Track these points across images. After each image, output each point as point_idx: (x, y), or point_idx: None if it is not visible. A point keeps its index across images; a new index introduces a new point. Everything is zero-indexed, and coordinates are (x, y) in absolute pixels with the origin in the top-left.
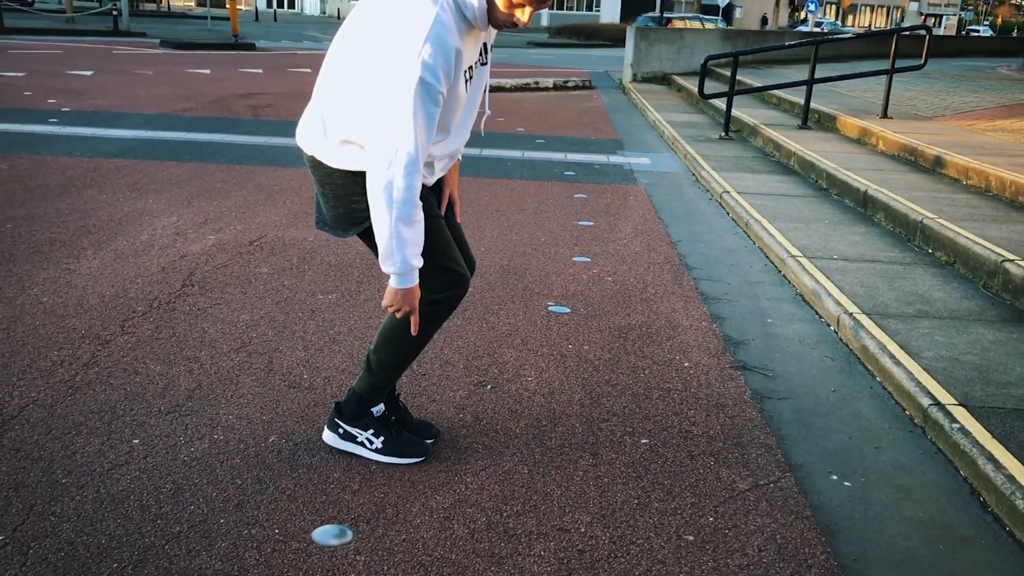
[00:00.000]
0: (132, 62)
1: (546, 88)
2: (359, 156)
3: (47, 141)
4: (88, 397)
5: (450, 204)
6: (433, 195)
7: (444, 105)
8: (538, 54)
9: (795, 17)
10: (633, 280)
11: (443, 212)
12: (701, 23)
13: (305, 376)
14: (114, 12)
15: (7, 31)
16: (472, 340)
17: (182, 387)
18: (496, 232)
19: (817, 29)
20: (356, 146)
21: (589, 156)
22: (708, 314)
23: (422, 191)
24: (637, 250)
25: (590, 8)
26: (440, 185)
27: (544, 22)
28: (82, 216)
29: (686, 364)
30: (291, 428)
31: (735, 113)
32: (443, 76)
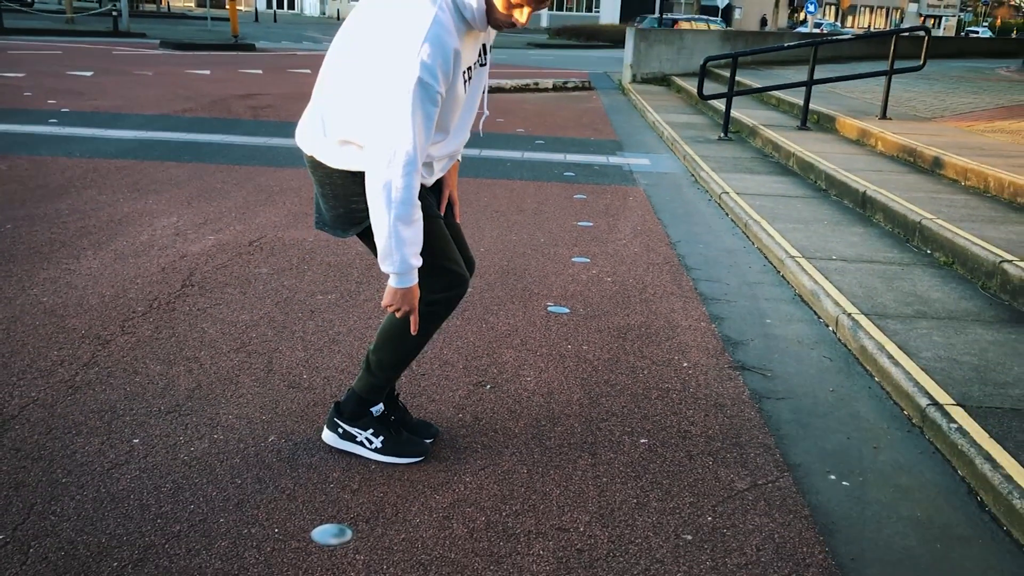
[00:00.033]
0: (132, 63)
1: (546, 89)
2: (358, 156)
3: (47, 142)
4: (88, 397)
5: (449, 205)
6: (432, 196)
7: (443, 105)
8: (538, 55)
9: (794, 18)
10: (632, 280)
11: (443, 213)
12: (707, 24)
13: (304, 376)
14: (114, 13)
15: (7, 32)
16: (471, 340)
17: (182, 387)
18: (496, 233)
19: (816, 30)
20: (355, 146)
21: (588, 157)
22: (707, 314)
23: (421, 191)
24: (636, 251)
25: (590, 9)
26: (440, 186)
27: (544, 23)
28: (82, 216)
29: (685, 364)
30: (291, 428)
31: (734, 114)
32: (441, 76)
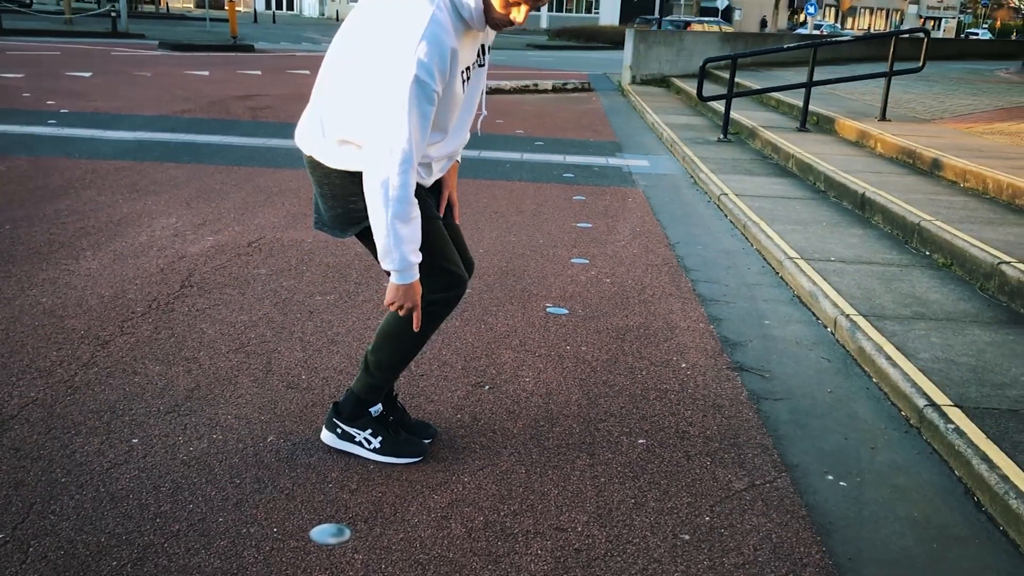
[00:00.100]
0: (131, 64)
1: (545, 90)
2: (357, 156)
3: (46, 142)
4: (87, 397)
5: (449, 206)
6: (432, 197)
7: (440, 105)
8: (537, 56)
9: (794, 19)
10: (631, 282)
11: (442, 214)
12: (719, 27)
13: (303, 376)
14: (113, 14)
15: (5, 32)
16: (470, 341)
17: (181, 387)
18: (495, 234)
19: (816, 31)
20: (354, 146)
21: (588, 158)
22: (705, 315)
23: (421, 192)
24: (635, 252)
25: (589, 10)
26: (439, 187)
27: (543, 24)
28: (81, 217)
29: (683, 365)
30: (289, 428)
31: (734, 115)
32: (438, 75)
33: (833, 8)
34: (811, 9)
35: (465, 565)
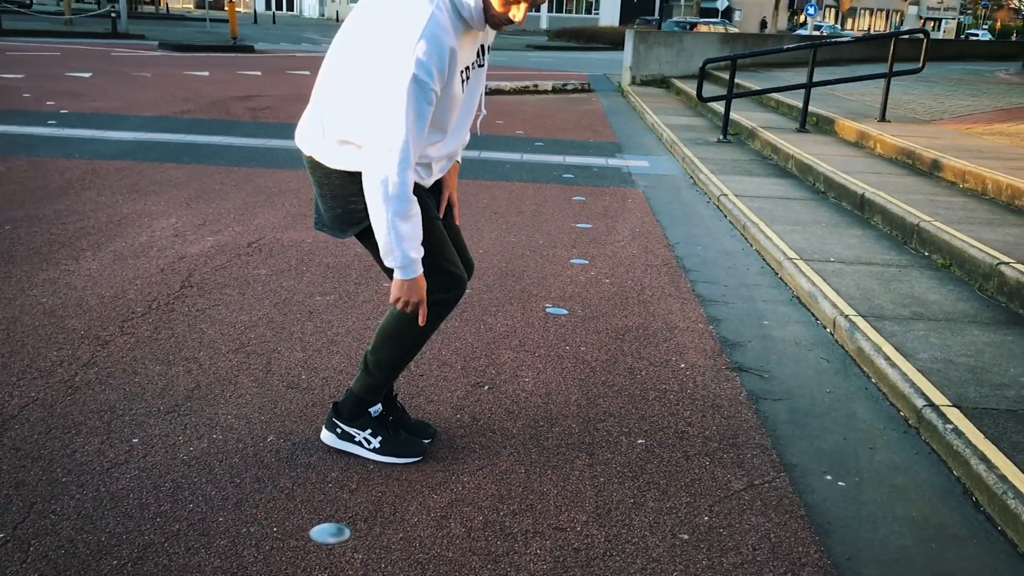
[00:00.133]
0: (131, 64)
1: (545, 91)
2: (357, 156)
3: (46, 143)
4: (87, 397)
5: (449, 206)
6: (432, 197)
7: (439, 105)
8: (537, 57)
9: (794, 20)
10: (630, 282)
11: (442, 214)
12: (724, 27)
13: (303, 377)
14: (113, 14)
15: (5, 33)
16: (470, 341)
17: (181, 387)
18: (494, 234)
19: (816, 32)
20: (354, 146)
21: (588, 159)
22: (705, 316)
23: (421, 193)
24: (635, 252)
25: (589, 11)
26: (439, 187)
27: (543, 25)
28: (81, 217)
29: (682, 365)
30: (289, 428)
31: (733, 116)
32: (437, 74)
33: (833, 9)
34: (811, 10)
35: (464, 565)
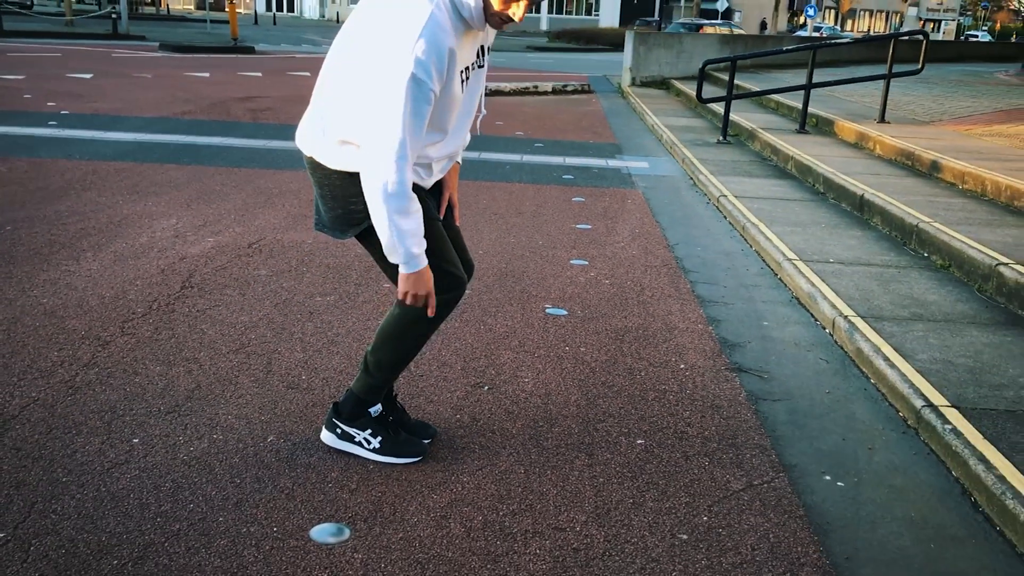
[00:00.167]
0: (131, 65)
1: (545, 92)
2: (357, 157)
3: (46, 144)
4: (88, 397)
5: (449, 207)
6: (432, 198)
7: (438, 104)
8: (537, 58)
9: (794, 22)
10: (630, 283)
11: (442, 215)
12: (731, 29)
13: (303, 377)
14: (113, 15)
15: (6, 34)
16: (470, 342)
17: (181, 387)
18: (494, 235)
19: (816, 34)
20: (354, 147)
21: (587, 160)
22: (704, 317)
23: (421, 193)
24: (634, 253)
25: (589, 12)
26: (440, 188)
27: (543, 26)
28: (82, 218)
29: (682, 366)
30: (289, 428)
31: (733, 117)
32: (435, 73)
33: (833, 10)
34: (811, 11)
35: (464, 564)
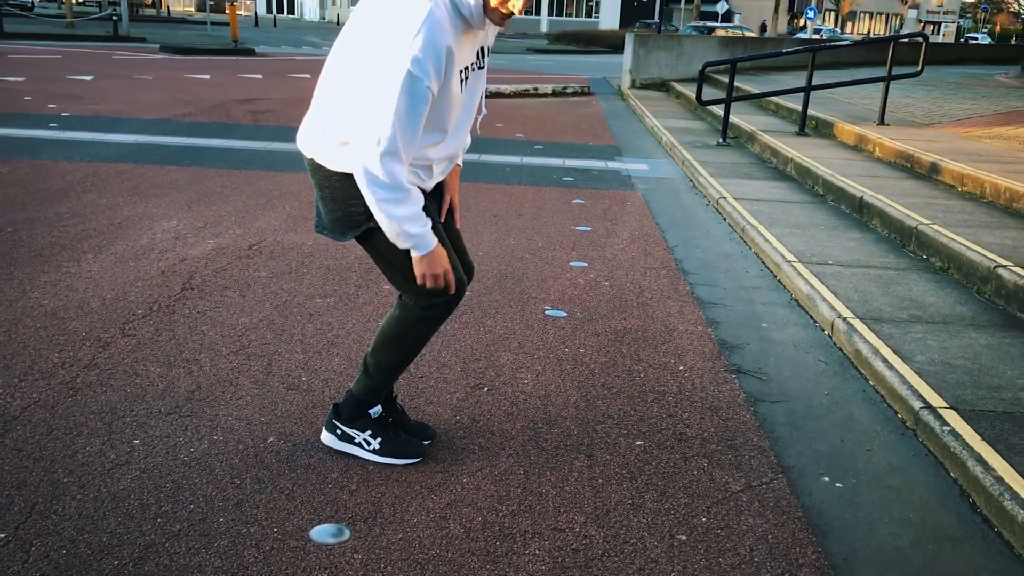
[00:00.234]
0: (132, 67)
1: (545, 94)
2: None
3: (47, 145)
4: (89, 398)
5: (450, 210)
6: (433, 201)
7: (438, 104)
8: (537, 60)
9: (794, 24)
10: (629, 285)
11: (443, 218)
12: (741, 32)
13: (303, 378)
14: (114, 17)
15: (7, 36)
16: (469, 343)
17: (182, 389)
18: (494, 237)
19: (816, 36)
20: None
21: (587, 162)
22: (703, 318)
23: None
24: (634, 255)
25: (589, 15)
26: (440, 191)
27: (543, 28)
28: (82, 220)
29: (681, 367)
30: (289, 429)
31: (733, 119)
32: (432, 71)
33: (833, 13)
34: (811, 13)
35: (464, 565)
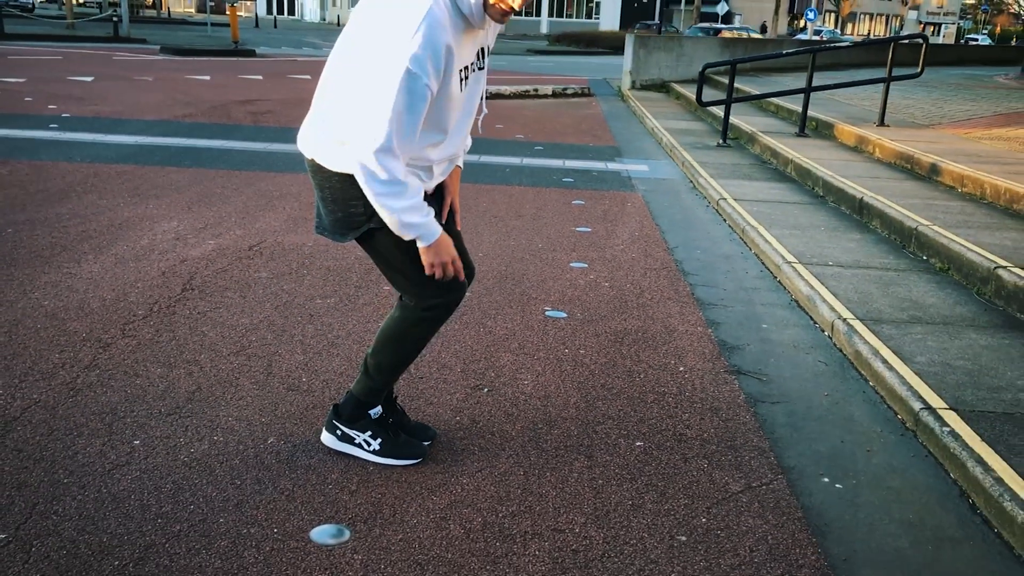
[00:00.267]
0: (132, 68)
1: (545, 95)
2: None
3: (48, 146)
4: (89, 399)
5: (451, 212)
6: (434, 202)
7: (437, 104)
8: (537, 61)
9: (794, 25)
10: (629, 285)
11: (444, 220)
12: (748, 34)
13: (304, 379)
14: (114, 18)
15: (8, 37)
16: (469, 344)
17: (182, 389)
18: (494, 238)
19: (816, 37)
20: None
21: (587, 163)
22: (704, 319)
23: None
24: (634, 256)
25: (589, 16)
26: (441, 192)
27: (543, 29)
28: (83, 221)
29: (681, 368)
30: (290, 430)
31: (733, 120)
32: (432, 69)
33: (833, 14)
34: (811, 15)
35: (463, 566)
